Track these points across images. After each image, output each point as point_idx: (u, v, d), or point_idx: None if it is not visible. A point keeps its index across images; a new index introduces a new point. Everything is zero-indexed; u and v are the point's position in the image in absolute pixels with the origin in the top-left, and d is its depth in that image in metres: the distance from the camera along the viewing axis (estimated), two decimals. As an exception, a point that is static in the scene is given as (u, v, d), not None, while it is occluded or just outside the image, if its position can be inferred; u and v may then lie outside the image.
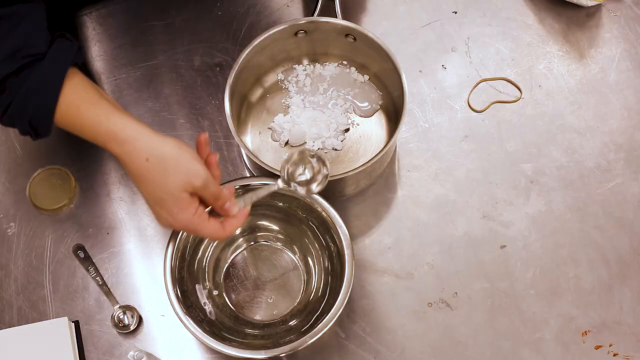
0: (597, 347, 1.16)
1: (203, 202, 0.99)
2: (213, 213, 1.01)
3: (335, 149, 1.23)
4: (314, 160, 1.07)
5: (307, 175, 1.07)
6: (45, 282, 1.22)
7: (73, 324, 1.18)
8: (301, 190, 1.06)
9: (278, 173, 1.11)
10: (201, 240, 1.17)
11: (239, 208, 1.02)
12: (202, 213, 0.98)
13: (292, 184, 1.06)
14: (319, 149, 1.22)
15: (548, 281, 1.19)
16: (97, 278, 1.21)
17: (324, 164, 1.06)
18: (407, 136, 1.26)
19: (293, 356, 1.17)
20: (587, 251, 1.20)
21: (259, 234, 1.21)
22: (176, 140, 0.96)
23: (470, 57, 1.30)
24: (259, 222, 1.21)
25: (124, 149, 0.94)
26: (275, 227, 1.21)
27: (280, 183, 1.06)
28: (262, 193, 1.05)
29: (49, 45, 0.95)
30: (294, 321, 1.16)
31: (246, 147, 1.14)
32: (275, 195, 1.14)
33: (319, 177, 1.07)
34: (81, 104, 0.95)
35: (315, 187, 1.07)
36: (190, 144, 1.24)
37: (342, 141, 1.23)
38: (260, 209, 1.19)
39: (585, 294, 1.18)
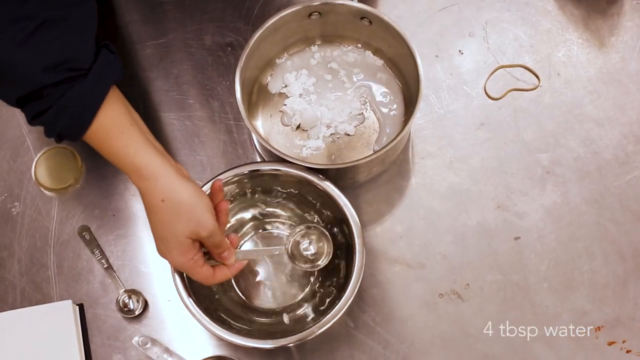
0: (610, 343, 1.14)
1: (203, 246, 0.99)
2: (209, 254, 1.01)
3: (348, 134, 1.21)
4: (316, 236, 1.11)
5: (312, 250, 1.11)
6: (50, 263, 1.19)
7: (77, 307, 1.17)
8: (304, 265, 1.10)
9: (288, 158, 1.09)
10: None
11: (235, 260, 1.02)
12: (199, 259, 0.98)
13: (296, 258, 1.10)
14: (331, 134, 1.20)
15: (562, 274, 1.17)
16: (103, 261, 1.18)
17: (327, 240, 1.10)
18: (421, 122, 1.23)
19: (301, 346, 1.15)
20: (602, 245, 1.18)
21: (268, 220, 1.19)
22: (195, 187, 0.96)
23: (488, 43, 1.27)
24: (269, 209, 1.19)
25: (144, 184, 0.94)
26: (285, 214, 1.19)
27: (284, 253, 1.10)
28: (262, 253, 1.16)
29: (93, 59, 0.92)
30: (302, 310, 1.14)
31: (257, 133, 1.11)
32: (286, 181, 1.12)
33: (324, 253, 1.11)
34: (112, 130, 0.94)
35: (321, 262, 1.11)
36: (199, 125, 1.23)
37: (355, 126, 1.21)
38: (270, 195, 1.17)
39: (599, 289, 1.16)
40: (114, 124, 0.94)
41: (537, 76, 1.25)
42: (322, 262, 1.10)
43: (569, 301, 1.16)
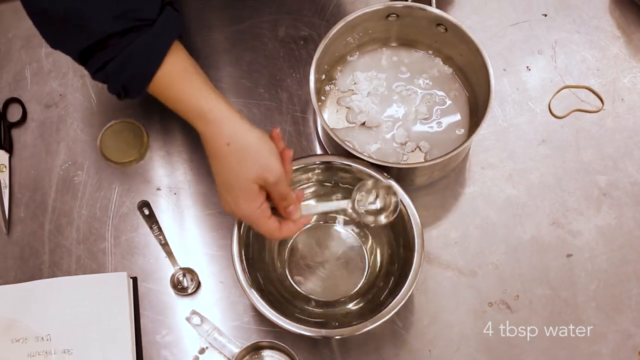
0: (653, 368, 1.15)
1: (269, 199, 0.99)
2: (274, 210, 1.01)
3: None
4: (384, 191, 1.08)
5: (378, 205, 1.08)
6: (107, 234, 1.21)
7: (131, 280, 1.18)
8: (369, 219, 1.07)
9: (356, 154, 1.11)
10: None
11: (301, 215, 1.02)
12: (266, 209, 0.98)
13: (360, 212, 1.07)
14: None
15: (610, 296, 1.18)
16: (160, 237, 1.20)
17: (394, 195, 1.07)
18: (484, 133, 1.25)
19: (345, 340, 1.16)
20: (652, 271, 1.20)
21: (330, 214, 1.21)
22: (260, 132, 0.96)
23: (556, 62, 1.29)
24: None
25: (209, 129, 0.95)
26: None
27: (349, 207, 1.07)
28: (327, 208, 1.09)
29: (158, 12, 0.95)
30: (352, 304, 1.16)
31: (327, 126, 1.12)
32: (351, 176, 1.14)
33: (390, 208, 1.07)
34: (177, 77, 0.95)
35: (383, 218, 1.07)
36: (266, 114, 1.25)
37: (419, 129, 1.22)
38: (334, 188, 1.18)
39: (645, 313, 1.18)
40: (178, 71, 0.96)
41: (601, 99, 1.27)
42: (385, 218, 1.07)
43: (615, 323, 1.17)
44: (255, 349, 1.13)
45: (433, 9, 1.18)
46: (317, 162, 1.12)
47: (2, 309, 1.15)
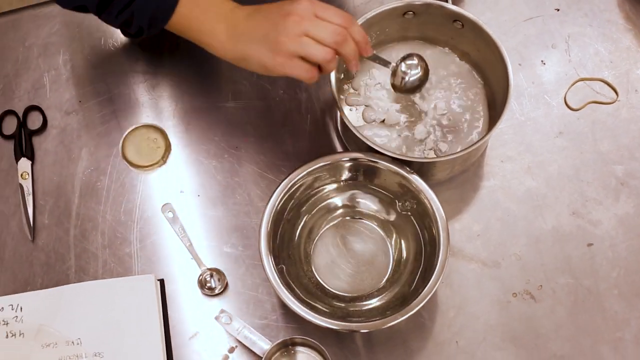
0: (676, 352, 1.17)
1: None
2: None
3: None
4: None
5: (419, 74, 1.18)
6: (132, 238, 1.22)
7: (158, 282, 1.19)
8: (407, 88, 1.18)
9: (379, 149, 1.12)
10: (298, 208, 1.18)
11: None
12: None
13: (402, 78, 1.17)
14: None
15: (632, 282, 1.20)
16: (185, 239, 1.21)
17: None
18: (502, 127, 1.27)
19: (372, 333, 1.17)
20: (672, 258, 1.21)
21: (355, 209, 1.22)
22: None
23: (570, 55, 1.31)
24: (358, 199, 1.22)
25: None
26: (372, 205, 1.21)
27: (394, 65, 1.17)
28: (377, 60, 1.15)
29: None
30: (377, 299, 1.17)
31: (351, 124, 1.14)
32: (376, 172, 1.15)
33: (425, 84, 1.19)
34: None
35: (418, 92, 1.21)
36: (286, 115, 1.27)
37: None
38: (360, 186, 1.20)
39: (667, 299, 1.19)
40: None
41: (615, 91, 1.29)
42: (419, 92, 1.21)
43: (637, 309, 1.18)
44: (286, 345, 1.14)
45: (450, 6, 1.19)
46: (345, 159, 1.13)
47: (31, 315, 1.16)
